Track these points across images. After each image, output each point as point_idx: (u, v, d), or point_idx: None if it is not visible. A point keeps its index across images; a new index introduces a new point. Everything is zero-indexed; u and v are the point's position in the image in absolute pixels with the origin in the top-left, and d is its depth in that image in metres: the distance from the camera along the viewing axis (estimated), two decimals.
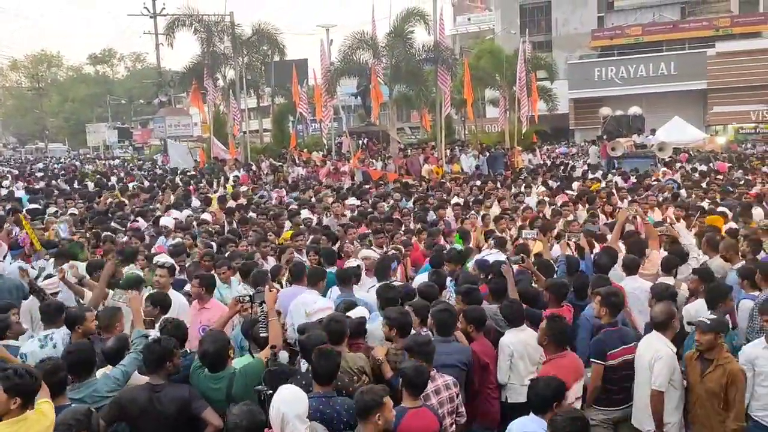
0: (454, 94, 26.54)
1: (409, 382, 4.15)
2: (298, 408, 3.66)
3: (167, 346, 4.30)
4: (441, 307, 5.28)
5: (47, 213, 12.11)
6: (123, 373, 4.45)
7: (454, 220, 11.15)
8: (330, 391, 4.23)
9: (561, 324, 5.05)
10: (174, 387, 4.28)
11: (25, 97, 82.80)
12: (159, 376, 4.25)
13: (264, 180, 20.26)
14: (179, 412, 4.11)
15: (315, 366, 4.20)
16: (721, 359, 4.77)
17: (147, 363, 4.30)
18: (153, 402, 4.11)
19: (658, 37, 42.15)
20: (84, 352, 4.44)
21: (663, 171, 18.42)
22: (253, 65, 32.93)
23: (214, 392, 4.30)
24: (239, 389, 4.30)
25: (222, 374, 4.36)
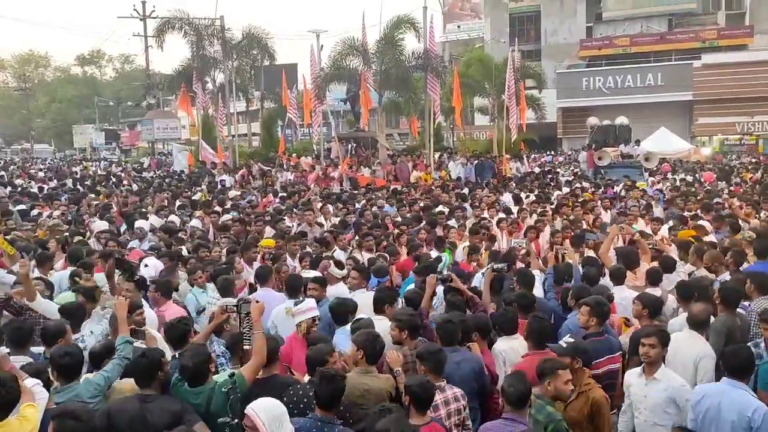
0: (443, 101, 26.65)
1: (415, 397, 4.02)
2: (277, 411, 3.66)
3: (154, 357, 4.24)
4: (445, 318, 5.25)
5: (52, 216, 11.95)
6: (105, 378, 4.42)
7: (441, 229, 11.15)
8: (331, 417, 4.01)
9: (541, 323, 5.13)
10: (166, 399, 4.22)
11: (12, 97, 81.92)
12: (150, 388, 4.19)
13: (253, 185, 20.21)
14: (170, 425, 3.99)
15: (317, 390, 4.01)
16: (583, 386, 4.53)
17: (137, 378, 4.25)
18: (143, 413, 4.04)
19: (646, 48, 42.60)
20: (73, 356, 4.41)
21: (651, 181, 18.60)
22: (243, 69, 32.90)
23: (194, 406, 4.22)
24: (219, 404, 4.21)
25: (202, 388, 4.27)
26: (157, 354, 4.30)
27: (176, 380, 4.38)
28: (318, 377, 4.07)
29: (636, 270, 7.33)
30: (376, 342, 4.67)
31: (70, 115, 74.22)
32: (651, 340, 4.72)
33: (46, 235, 9.96)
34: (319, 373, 4.11)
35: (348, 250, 9.13)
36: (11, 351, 4.81)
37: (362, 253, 8.84)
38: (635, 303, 5.85)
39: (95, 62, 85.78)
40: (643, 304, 5.81)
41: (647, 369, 4.73)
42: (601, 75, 42.34)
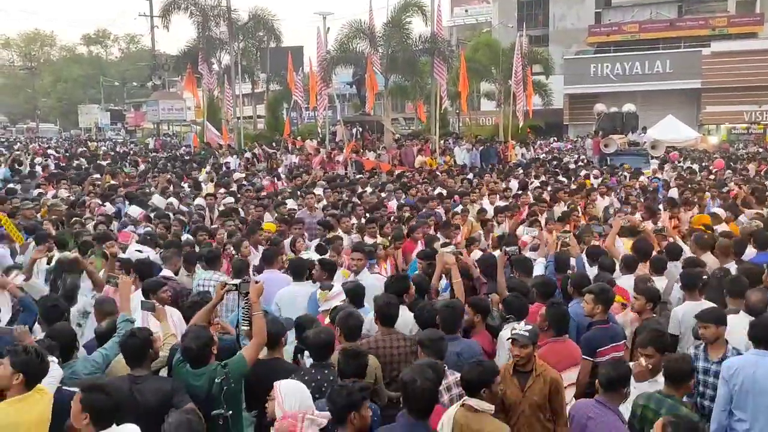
0: (450, 86, 26.50)
1: None
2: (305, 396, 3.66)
3: (143, 336, 4.26)
4: (445, 303, 5.24)
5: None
6: (103, 356, 4.45)
7: (444, 212, 11.14)
8: None
9: (562, 309, 5.11)
10: (156, 380, 4.25)
11: (17, 76, 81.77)
12: (141, 368, 4.21)
13: (257, 167, 20.18)
14: (160, 405, 4.02)
15: (342, 366, 4.09)
16: (538, 368, 4.51)
17: (127, 358, 4.26)
18: (134, 394, 4.05)
19: (655, 35, 42.22)
20: (65, 336, 4.45)
21: (653, 169, 18.52)
22: (249, 51, 32.77)
23: (195, 388, 4.24)
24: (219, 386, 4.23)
25: (203, 370, 4.28)
26: (146, 333, 4.30)
27: (178, 361, 4.40)
28: (342, 355, 4.14)
29: (647, 261, 7.19)
30: (350, 319, 4.78)
31: (76, 95, 74.10)
32: (648, 350, 4.64)
33: (46, 215, 9.99)
34: (344, 351, 4.18)
35: (351, 234, 9.11)
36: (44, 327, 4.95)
37: (364, 239, 8.82)
38: (638, 298, 5.73)
39: (101, 42, 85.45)
40: (646, 297, 5.72)
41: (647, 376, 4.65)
42: (609, 61, 42.00)
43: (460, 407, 3.96)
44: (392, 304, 5.12)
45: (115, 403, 3.45)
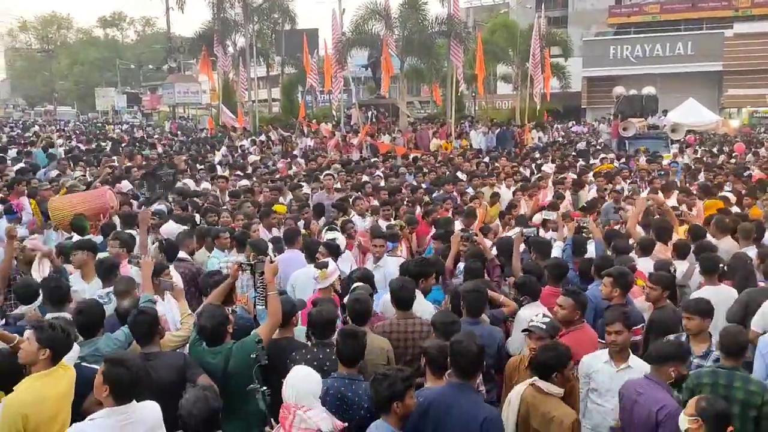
0: (466, 68, 26.25)
1: (432, 361, 4.04)
2: (311, 386, 3.59)
3: (151, 313, 4.30)
4: (470, 287, 5.16)
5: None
6: (125, 335, 4.48)
7: (459, 196, 11.06)
8: (355, 373, 4.09)
9: (582, 298, 5.05)
10: (168, 355, 4.29)
11: (35, 59, 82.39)
12: (152, 344, 4.25)
13: (273, 150, 20.18)
14: (174, 380, 4.07)
15: (340, 347, 4.08)
16: None
17: (137, 337, 4.29)
18: (147, 371, 4.05)
19: (676, 16, 41.44)
20: (92, 313, 4.48)
21: (673, 153, 18.24)
22: (264, 33, 32.69)
23: (211, 366, 4.26)
24: (236, 363, 4.25)
25: (219, 348, 4.31)
26: (154, 311, 4.34)
27: (194, 340, 4.43)
28: (340, 335, 4.13)
29: (669, 243, 7.11)
30: (356, 304, 4.72)
31: (92, 78, 74.54)
32: (616, 326, 4.42)
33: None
34: (341, 331, 4.17)
35: (365, 216, 9.06)
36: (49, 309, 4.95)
37: (379, 221, 8.78)
38: (654, 288, 5.49)
39: (117, 25, 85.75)
40: (662, 287, 5.53)
41: (616, 356, 4.45)
42: (629, 43, 41.32)
43: (529, 386, 3.96)
44: (406, 287, 5.07)
45: (135, 378, 3.48)
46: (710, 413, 3.32)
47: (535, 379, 3.95)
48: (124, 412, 3.42)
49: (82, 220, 7.75)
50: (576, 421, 3.84)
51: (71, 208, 7.96)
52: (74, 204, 8.04)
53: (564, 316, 4.90)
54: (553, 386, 3.88)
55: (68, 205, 8.02)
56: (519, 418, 3.95)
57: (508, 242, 6.77)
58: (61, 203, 8.08)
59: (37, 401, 3.65)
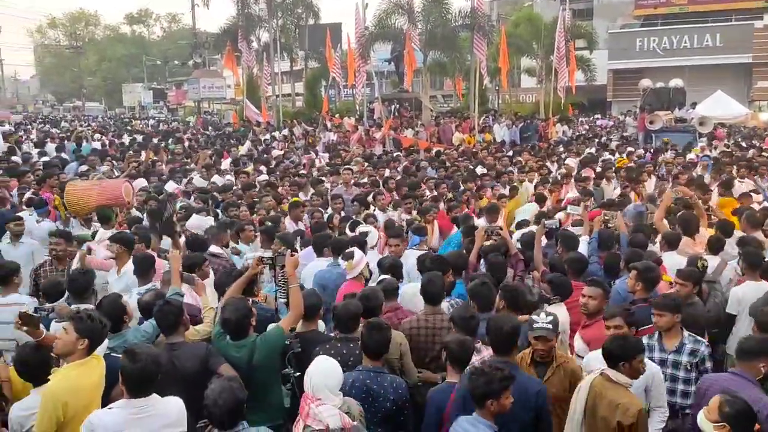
0: (490, 62, 26.07)
1: (453, 356, 4.08)
2: (328, 380, 3.62)
3: (176, 305, 4.40)
4: (480, 281, 5.18)
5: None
6: (153, 327, 4.58)
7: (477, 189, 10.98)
8: (380, 366, 4.16)
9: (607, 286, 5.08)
10: (192, 345, 4.37)
11: (64, 56, 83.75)
12: (177, 334, 4.35)
13: (296, 144, 20.27)
14: (197, 369, 4.16)
15: (365, 339, 4.13)
16: (558, 359, 4.34)
17: (162, 327, 4.39)
18: (172, 361, 4.18)
19: (704, 8, 40.63)
20: (114, 308, 4.56)
21: (701, 147, 17.93)
22: (288, 28, 32.78)
23: (236, 359, 4.32)
24: (261, 356, 4.32)
25: (244, 342, 4.37)
26: (179, 302, 4.43)
27: (218, 333, 4.48)
28: (365, 328, 4.16)
29: (695, 236, 7.03)
30: (369, 300, 4.73)
31: (120, 74, 75.60)
32: (616, 321, 4.45)
33: None
34: (367, 323, 4.20)
35: (386, 211, 9.08)
36: (72, 300, 5.08)
37: (401, 215, 8.79)
38: (685, 284, 5.46)
39: (143, 21, 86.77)
40: (693, 282, 5.51)
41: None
42: (656, 35, 40.61)
43: (599, 375, 4.00)
44: (434, 281, 5.07)
45: (146, 372, 3.53)
46: (735, 416, 3.24)
47: (605, 369, 3.98)
48: (139, 405, 3.50)
49: (107, 211, 7.89)
50: (641, 410, 3.86)
51: (85, 201, 8.02)
52: (87, 196, 8.05)
53: (595, 307, 4.91)
54: (621, 375, 3.90)
55: (81, 198, 8.05)
56: (587, 406, 3.98)
57: (532, 236, 6.75)
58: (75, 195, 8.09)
59: (74, 389, 3.77)
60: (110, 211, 7.89)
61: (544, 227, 6.57)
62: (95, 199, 7.98)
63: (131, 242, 6.37)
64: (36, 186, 10.38)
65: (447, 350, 4.12)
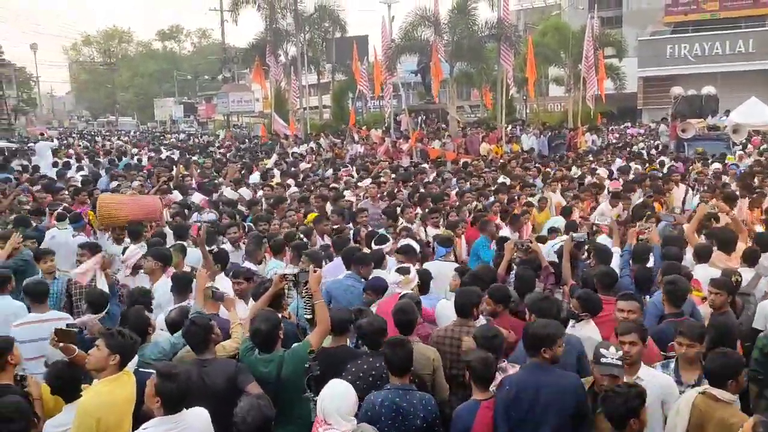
0: (517, 71, 25.95)
1: (477, 374, 4.04)
2: (341, 405, 3.59)
3: (203, 323, 4.36)
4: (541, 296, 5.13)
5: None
6: (171, 345, 4.63)
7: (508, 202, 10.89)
8: (407, 383, 4.12)
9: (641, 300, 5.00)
10: (222, 362, 4.37)
11: (98, 72, 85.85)
12: (207, 351, 4.34)
13: (324, 157, 20.37)
14: (226, 387, 4.17)
15: (389, 357, 4.10)
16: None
17: (192, 346, 4.39)
18: (202, 377, 4.19)
19: (736, 13, 39.91)
20: (138, 321, 4.61)
21: (739, 155, 17.51)
22: (315, 42, 33.07)
23: (264, 374, 4.31)
24: (288, 371, 4.30)
25: (272, 357, 4.36)
26: (206, 320, 4.41)
27: (245, 349, 4.48)
28: (388, 345, 4.14)
29: (731, 253, 6.80)
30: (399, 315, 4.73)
31: (151, 89, 77.18)
32: (631, 337, 4.19)
33: None
34: (388, 341, 4.18)
35: (414, 224, 9.06)
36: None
37: (427, 229, 8.75)
38: (720, 293, 5.30)
39: (174, 37, 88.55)
40: (728, 292, 5.36)
41: (626, 369, 4.14)
42: (687, 42, 40.01)
43: (699, 394, 3.90)
44: (467, 294, 5.02)
45: (185, 391, 3.63)
46: None
47: (707, 388, 3.88)
48: (173, 420, 3.57)
49: (139, 227, 7.97)
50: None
51: (116, 215, 8.10)
52: (119, 209, 8.15)
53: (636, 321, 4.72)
54: (726, 393, 3.82)
55: (113, 211, 8.13)
56: (690, 426, 3.87)
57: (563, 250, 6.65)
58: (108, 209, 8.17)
59: (108, 405, 3.82)
60: (141, 226, 7.95)
61: (572, 240, 6.48)
62: (127, 214, 8.08)
63: (168, 258, 6.41)
64: (70, 201, 10.60)
65: (470, 368, 4.07)
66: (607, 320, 5.15)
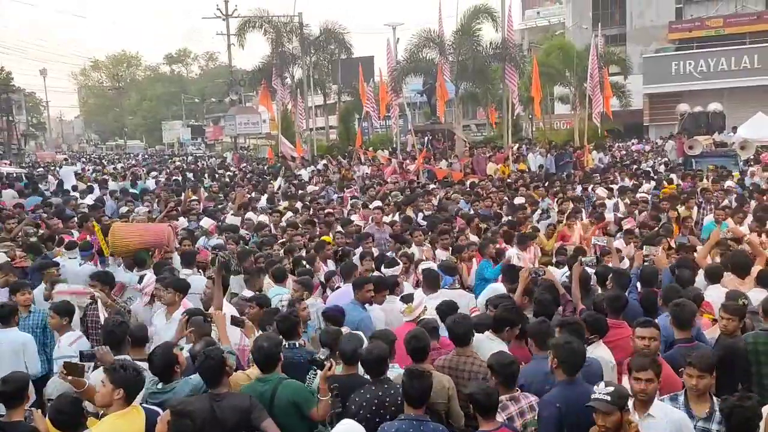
0: (522, 90, 26.03)
1: (479, 405, 3.98)
2: None
3: (216, 357, 4.31)
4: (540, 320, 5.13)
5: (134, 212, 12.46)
6: (203, 383, 4.52)
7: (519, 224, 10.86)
8: (422, 414, 4.07)
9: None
10: (235, 396, 4.33)
11: (106, 96, 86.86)
12: (220, 386, 4.30)
13: (331, 179, 20.39)
14: (239, 422, 4.13)
15: (406, 387, 4.06)
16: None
17: (205, 379, 4.34)
18: (214, 411, 4.15)
19: (741, 29, 40.02)
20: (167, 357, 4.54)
21: (751, 172, 17.38)
22: (321, 64, 33.34)
23: (259, 395, 4.32)
24: (282, 399, 4.30)
25: (270, 377, 4.40)
26: (219, 353, 4.38)
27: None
28: (406, 375, 4.10)
29: (746, 277, 6.68)
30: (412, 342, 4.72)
31: (160, 112, 77.96)
32: (647, 374, 4.01)
33: None
34: (407, 371, 4.14)
35: (423, 246, 9.03)
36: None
37: (437, 252, 8.72)
38: (732, 319, 5.19)
39: (182, 61, 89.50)
40: (739, 317, 5.25)
41: (639, 405, 4.03)
42: (692, 58, 40.09)
43: None
44: (460, 323, 5.01)
45: (198, 428, 3.64)
46: None
47: None
48: None
49: (144, 254, 7.95)
50: None
51: (127, 241, 8.12)
52: (131, 236, 8.18)
53: (657, 348, 4.71)
54: None
55: (125, 239, 8.16)
56: None
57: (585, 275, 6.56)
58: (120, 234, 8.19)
59: None
60: (146, 254, 7.97)
61: (581, 264, 6.44)
62: (139, 242, 8.11)
63: (186, 288, 6.36)
64: (78, 229, 10.61)
65: (472, 400, 4.00)
66: (620, 343, 5.13)
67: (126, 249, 8.16)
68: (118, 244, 8.18)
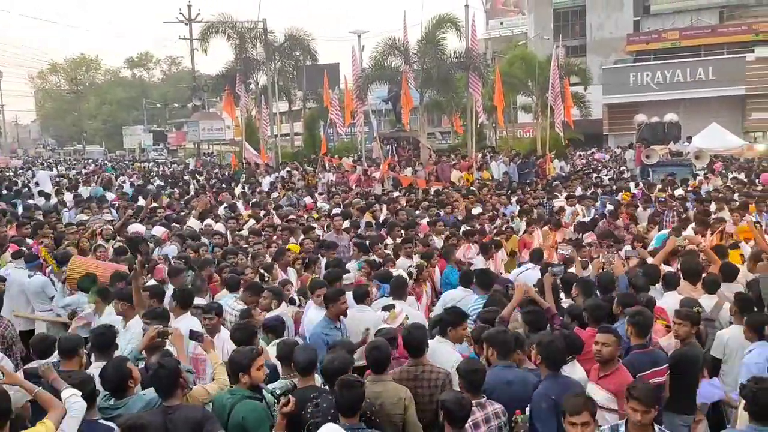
0: (486, 99, 26.34)
1: (451, 415, 3.96)
2: None
3: (170, 367, 4.24)
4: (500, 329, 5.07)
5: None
6: (157, 398, 4.43)
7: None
8: (356, 423, 4.04)
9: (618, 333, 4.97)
10: (188, 408, 4.24)
11: (64, 100, 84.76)
12: (173, 397, 4.20)
13: (296, 186, 20.29)
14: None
15: (338, 397, 4.03)
16: None
17: (159, 391, 4.24)
18: (166, 425, 4.06)
19: (696, 42, 41.30)
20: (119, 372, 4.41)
21: (700, 180, 17.93)
22: (285, 70, 33.17)
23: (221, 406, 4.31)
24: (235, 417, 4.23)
25: (238, 391, 4.35)
26: (174, 363, 4.31)
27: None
28: (338, 385, 4.06)
29: (697, 283, 6.89)
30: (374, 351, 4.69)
31: (120, 117, 76.40)
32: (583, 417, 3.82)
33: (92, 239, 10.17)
34: (339, 381, 4.09)
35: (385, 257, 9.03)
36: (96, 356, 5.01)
37: (399, 260, 8.73)
38: (683, 324, 5.39)
39: (143, 65, 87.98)
40: (691, 323, 5.43)
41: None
42: (650, 70, 41.21)
43: None
44: (413, 333, 4.95)
45: None
46: None
47: None
48: None
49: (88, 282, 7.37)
50: None
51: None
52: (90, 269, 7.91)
53: (610, 353, 4.77)
54: None
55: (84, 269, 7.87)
56: None
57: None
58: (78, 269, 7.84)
59: None
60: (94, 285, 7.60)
61: (552, 275, 6.49)
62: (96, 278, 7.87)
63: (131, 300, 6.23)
64: (30, 237, 10.23)
65: (444, 408, 3.99)
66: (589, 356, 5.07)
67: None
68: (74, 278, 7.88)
